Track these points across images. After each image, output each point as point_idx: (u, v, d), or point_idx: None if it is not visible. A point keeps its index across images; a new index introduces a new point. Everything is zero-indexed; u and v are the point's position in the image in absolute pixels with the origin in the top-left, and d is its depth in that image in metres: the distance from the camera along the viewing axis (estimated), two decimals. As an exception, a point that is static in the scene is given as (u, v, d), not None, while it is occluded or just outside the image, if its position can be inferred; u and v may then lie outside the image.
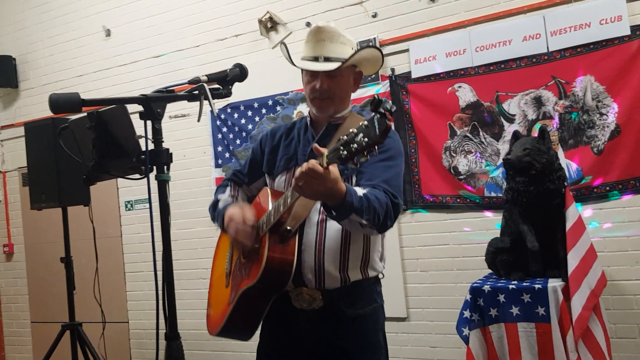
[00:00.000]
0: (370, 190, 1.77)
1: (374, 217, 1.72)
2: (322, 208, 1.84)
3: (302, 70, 2.03)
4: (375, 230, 1.82)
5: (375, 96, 1.46)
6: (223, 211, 2.04)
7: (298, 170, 1.60)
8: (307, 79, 2.02)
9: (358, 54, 1.94)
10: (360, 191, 1.72)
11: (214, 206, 2.17)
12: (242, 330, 2.03)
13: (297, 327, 1.96)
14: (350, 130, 1.47)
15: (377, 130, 1.41)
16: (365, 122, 1.44)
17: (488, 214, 3.92)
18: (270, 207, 1.90)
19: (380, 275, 2.06)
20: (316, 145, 1.60)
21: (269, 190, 2.03)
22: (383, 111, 1.41)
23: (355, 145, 1.44)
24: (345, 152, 1.46)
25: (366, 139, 1.43)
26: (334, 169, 1.58)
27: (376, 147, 1.44)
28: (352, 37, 2.04)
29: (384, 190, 1.81)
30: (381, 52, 2.05)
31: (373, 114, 1.43)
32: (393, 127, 2.06)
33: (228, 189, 2.24)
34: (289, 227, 1.82)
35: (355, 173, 1.90)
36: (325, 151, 1.54)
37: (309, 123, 2.09)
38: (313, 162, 1.56)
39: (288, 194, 1.76)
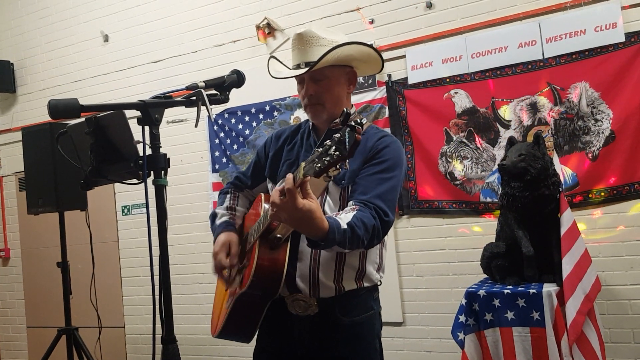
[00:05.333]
0: (358, 213, 1.73)
1: (358, 244, 1.71)
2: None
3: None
4: (363, 248, 1.81)
5: (345, 109, 1.43)
6: (218, 232, 2.06)
7: (270, 197, 1.60)
8: (298, 87, 2.02)
9: (334, 52, 1.87)
10: (345, 220, 1.69)
11: (212, 218, 2.17)
12: (240, 333, 2.03)
13: (292, 332, 1.96)
14: (326, 142, 1.43)
15: (347, 144, 1.36)
16: (339, 135, 1.39)
17: (483, 219, 3.93)
18: (262, 213, 1.90)
19: (379, 283, 2.04)
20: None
21: (262, 196, 2.02)
22: (353, 124, 1.37)
23: (328, 159, 1.39)
24: (319, 165, 1.42)
25: (337, 153, 1.38)
26: (307, 203, 1.55)
27: (347, 161, 1.40)
28: (339, 38, 1.97)
29: (374, 207, 1.77)
30: (373, 48, 1.98)
31: (344, 127, 1.38)
32: (390, 133, 2.05)
33: (228, 197, 2.21)
34: (279, 235, 1.81)
35: (351, 184, 1.87)
36: (303, 164, 1.51)
37: (311, 127, 2.08)
38: (275, 195, 1.57)
39: None
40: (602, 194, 3.61)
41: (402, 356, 4.17)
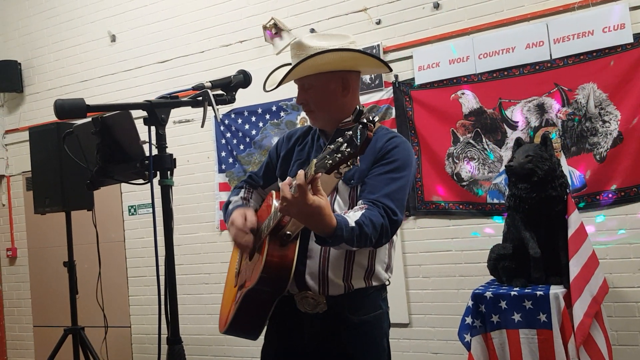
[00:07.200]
0: (366, 212, 1.75)
1: (365, 242, 1.73)
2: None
3: None
4: (371, 247, 1.83)
5: (357, 106, 1.44)
6: (230, 213, 2.06)
7: (280, 192, 1.62)
8: None
9: (314, 59, 1.87)
10: (353, 218, 1.71)
11: (225, 207, 2.20)
12: (247, 330, 2.05)
13: (301, 330, 1.97)
14: (338, 139, 1.45)
15: (358, 141, 1.39)
16: (351, 132, 1.42)
17: (490, 220, 3.92)
18: (272, 210, 1.91)
19: (387, 282, 2.06)
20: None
21: (273, 193, 2.04)
22: (365, 121, 1.39)
23: (339, 155, 1.42)
24: (330, 162, 1.44)
25: (348, 149, 1.41)
26: (316, 199, 1.57)
27: (358, 157, 1.43)
28: (331, 43, 1.94)
29: (383, 206, 1.79)
30: (358, 51, 1.95)
31: (356, 124, 1.41)
32: (397, 133, 2.05)
33: (242, 190, 2.26)
34: (288, 232, 1.83)
35: (361, 183, 1.88)
36: (314, 160, 1.53)
37: (319, 129, 2.10)
38: (285, 189, 1.59)
39: None
40: (610, 195, 3.59)
41: (408, 357, 4.15)
